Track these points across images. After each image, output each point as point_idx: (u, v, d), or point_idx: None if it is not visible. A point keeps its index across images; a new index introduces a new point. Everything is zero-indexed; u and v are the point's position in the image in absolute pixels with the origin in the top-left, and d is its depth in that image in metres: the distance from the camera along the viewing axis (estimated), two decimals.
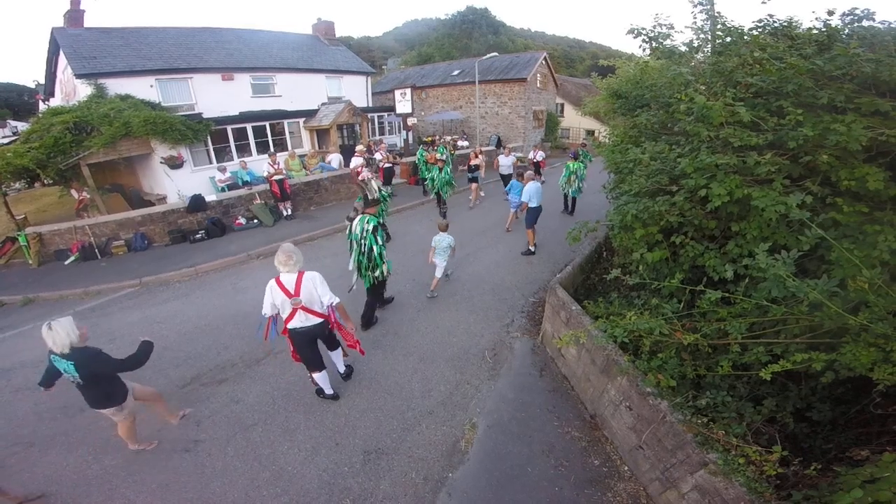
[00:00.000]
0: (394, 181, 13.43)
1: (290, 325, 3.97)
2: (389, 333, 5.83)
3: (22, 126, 19.49)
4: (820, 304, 2.44)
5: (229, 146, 14.18)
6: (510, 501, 3.47)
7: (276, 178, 11.39)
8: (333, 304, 4.00)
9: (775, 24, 4.45)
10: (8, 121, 46.72)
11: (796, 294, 2.49)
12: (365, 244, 5.38)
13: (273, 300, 3.85)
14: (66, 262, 9.23)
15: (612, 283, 4.85)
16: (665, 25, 4.86)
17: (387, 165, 12.75)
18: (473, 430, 4.16)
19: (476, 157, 12.89)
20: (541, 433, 4.15)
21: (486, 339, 5.67)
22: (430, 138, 14.46)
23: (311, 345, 4.16)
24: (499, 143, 22.29)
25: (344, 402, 4.53)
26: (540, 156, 14.53)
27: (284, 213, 11.88)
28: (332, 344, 4.54)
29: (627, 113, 6.27)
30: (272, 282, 3.85)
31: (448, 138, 18.73)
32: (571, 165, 10.64)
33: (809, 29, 4.28)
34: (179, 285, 8.04)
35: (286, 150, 15.66)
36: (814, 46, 3.68)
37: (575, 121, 31.24)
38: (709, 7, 4.93)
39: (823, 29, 4.07)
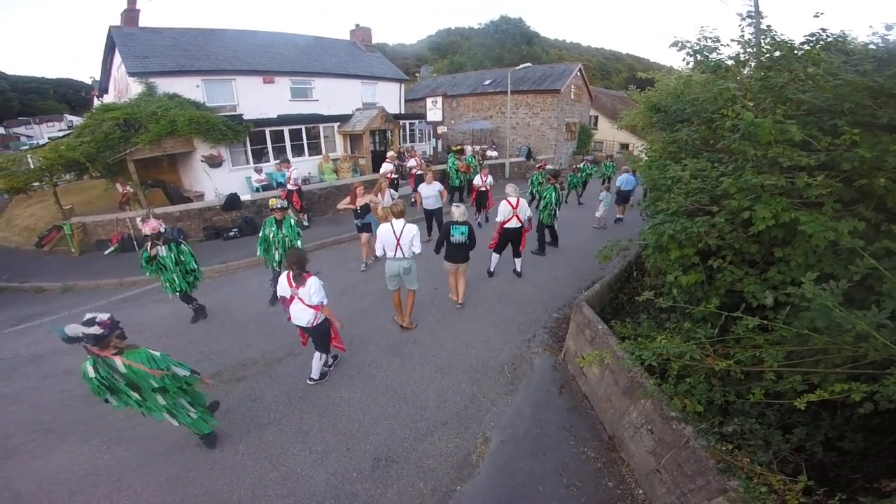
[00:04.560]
0: None
1: (506, 225, 7.15)
2: (409, 341, 5.80)
3: (77, 121, 20.72)
4: (866, 335, 2.29)
5: (266, 148, 14.60)
6: None
7: (289, 187, 10.86)
8: (530, 217, 7.38)
9: (828, 39, 4.19)
10: (65, 115, 50.03)
11: (842, 325, 2.32)
12: (555, 197, 8.61)
13: (505, 210, 7.04)
14: (106, 253, 9.69)
15: (641, 304, 4.67)
16: (710, 38, 4.67)
17: (419, 173, 12.82)
18: (486, 444, 4.07)
19: (362, 194, 7.74)
20: (555, 451, 4.03)
21: (506, 353, 5.56)
22: (458, 147, 14.42)
23: (511, 239, 7.38)
24: (529, 155, 22.14)
25: (358, 408, 4.52)
26: (489, 182, 10.63)
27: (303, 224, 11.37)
28: (518, 244, 7.49)
29: (666, 127, 6.08)
30: (504, 200, 7.08)
31: (477, 147, 18.72)
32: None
33: (866, 44, 4.03)
34: (210, 281, 8.25)
35: (320, 153, 16.02)
36: (873, 62, 3.45)
37: (609, 134, 30.74)
38: (757, 21, 4.71)
39: (881, 44, 3.82)
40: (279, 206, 6.28)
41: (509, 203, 7.07)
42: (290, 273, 4.32)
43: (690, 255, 3.63)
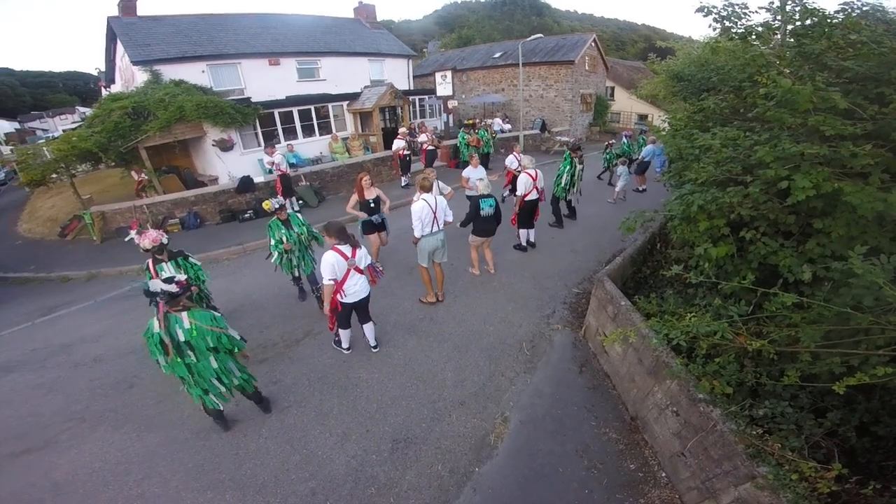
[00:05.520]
0: (435, 164, 13.27)
1: (527, 198, 7.14)
2: (425, 318, 5.76)
3: (89, 112, 20.91)
4: None
5: (277, 129, 14.51)
6: (537, 501, 3.35)
7: (275, 173, 10.40)
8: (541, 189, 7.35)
9: (865, 8, 3.91)
10: (77, 108, 50.59)
11: (893, 303, 2.15)
12: (571, 170, 8.34)
13: (527, 182, 7.03)
14: (126, 239, 9.73)
15: (666, 279, 4.51)
16: (738, 5, 4.38)
17: (430, 148, 12.61)
18: (505, 425, 4.04)
19: (369, 185, 6.57)
20: (576, 432, 3.97)
21: (525, 330, 5.48)
22: (471, 121, 14.08)
23: (530, 211, 7.45)
24: (543, 127, 21.56)
25: (376, 388, 4.52)
26: (519, 161, 8.37)
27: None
28: (534, 215, 7.61)
29: (690, 97, 5.78)
30: (523, 173, 7.11)
31: (489, 121, 18.27)
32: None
33: None
34: (228, 263, 8.35)
35: (331, 132, 15.87)
36: None
37: (626, 105, 29.76)
38: None
39: None
40: (277, 205, 5.56)
41: (529, 175, 7.08)
42: (346, 243, 4.25)
43: (720, 226, 3.45)
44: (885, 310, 2.34)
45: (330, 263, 4.15)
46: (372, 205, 6.62)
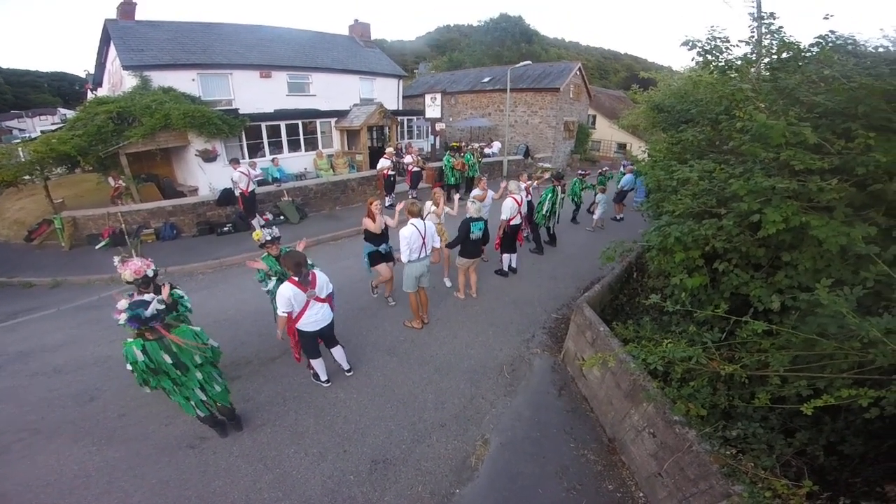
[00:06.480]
0: (420, 185, 13.35)
1: (511, 223, 7.25)
2: (406, 340, 5.73)
3: (70, 114, 20.37)
4: (876, 341, 2.26)
5: (262, 143, 14.43)
6: None
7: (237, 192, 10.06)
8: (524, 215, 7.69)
9: (837, 41, 4.15)
10: (58, 109, 49.44)
11: (855, 331, 2.28)
12: (552, 199, 8.56)
13: (512, 207, 7.13)
14: (97, 247, 9.50)
15: (643, 306, 4.64)
16: (720, 39, 4.62)
17: (415, 169, 12.70)
18: (485, 447, 4.03)
19: (379, 210, 6.12)
20: (555, 454, 4.00)
21: (505, 354, 5.50)
22: (456, 143, 14.27)
23: (512, 237, 7.52)
24: (527, 153, 22.04)
25: (355, 409, 4.45)
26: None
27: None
28: (515, 240, 7.69)
29: (670, 128, 6.02)
30: (509, 197, 7.23)
31: (475, 145, 18.59)
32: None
33: (876, 48, 4.00)
34: (203, 277, 8.16)
35: (315, 148, 15.86)
36: (890, 66, 3.39)
37: (607, 133, 30.69)
38: (759, 23, 4.66)
39: (893, 48, 3.79)
40: (268, 237, 4.72)
41: (515, 200, 7.16)
42: (296, 279, 3.91)
43: (696, 257, 3.59)
44: (848, 336, 2.48)
45: (287, 297, 3.89)
46: (380, 233, 6.23)
